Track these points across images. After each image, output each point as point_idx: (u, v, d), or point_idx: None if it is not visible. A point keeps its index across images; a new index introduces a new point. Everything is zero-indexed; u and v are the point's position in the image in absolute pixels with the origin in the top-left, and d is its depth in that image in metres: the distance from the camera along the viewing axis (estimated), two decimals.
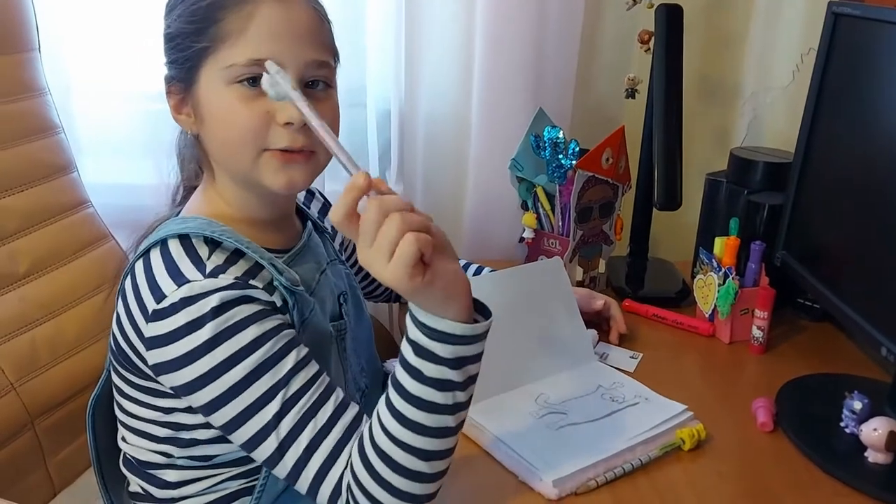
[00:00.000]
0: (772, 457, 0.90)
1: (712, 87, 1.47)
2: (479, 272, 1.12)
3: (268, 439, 0.69)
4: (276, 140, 0.74)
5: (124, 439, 0.84)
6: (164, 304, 0.70)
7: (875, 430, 0.86)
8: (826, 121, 1.05)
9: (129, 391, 0.79)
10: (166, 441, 0.79)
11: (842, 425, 0.92)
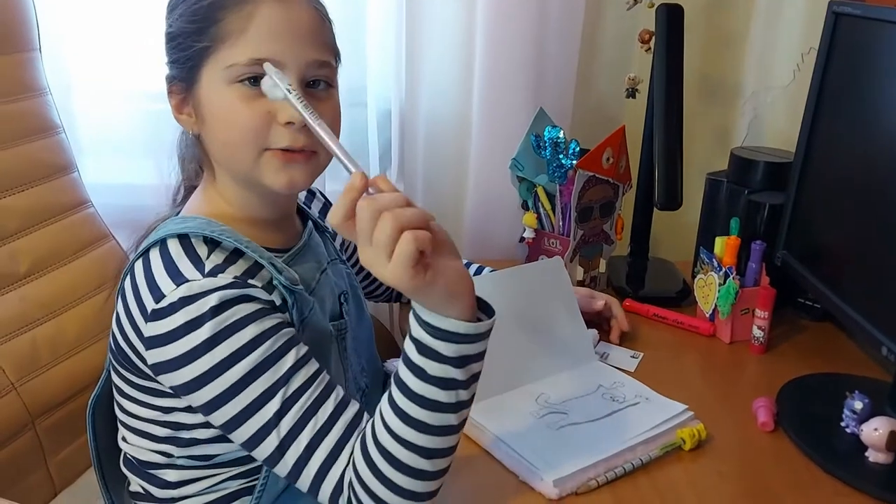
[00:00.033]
0: (772, 457, 0.90)
1: (713, 87, 1.47)
2: (479, 272, 1.12)
3: (268, 438, 0.69)
4: (276, 140, 0.74)
5: (124, 439, 0.84)
6: (164, 303, 0.70)
7: (876, 430, 0.86)
8: (827, 120, 1.05)
9: (128, 391, 0.79)
10: (166, 441, 0.79)
11: (842, 425, 0.92)
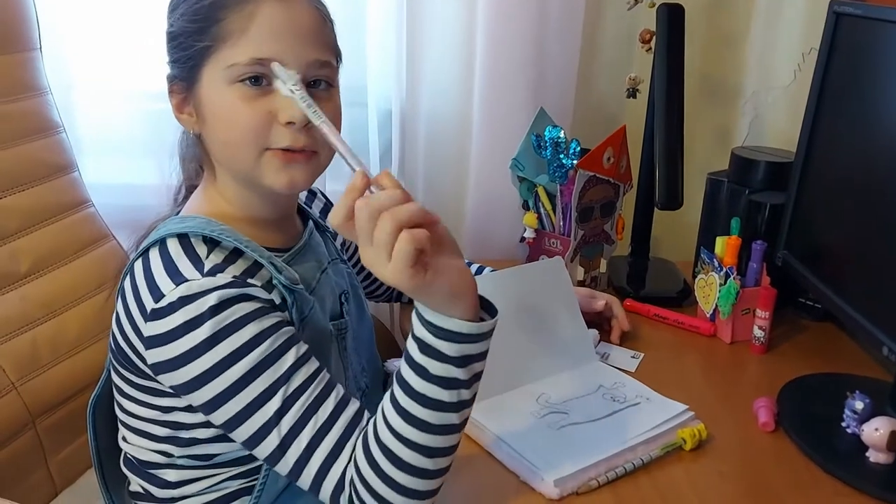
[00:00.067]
0: (773, 457, 0.90)
1: (713, 87, 1.47)
2: (479, 272, 1.12)
3: (269, 436, 0.69)
4: (277, 139, 0.74)
5: (125, 439, 0.84)
6: (163, 303, 0.70)
7: (876, 430, 0.86)
8: (827, 120, 1.05)
9: (128, 390, 0.79)
10: (166, 440, 0.79)
11: (843, 425, 0.91)
